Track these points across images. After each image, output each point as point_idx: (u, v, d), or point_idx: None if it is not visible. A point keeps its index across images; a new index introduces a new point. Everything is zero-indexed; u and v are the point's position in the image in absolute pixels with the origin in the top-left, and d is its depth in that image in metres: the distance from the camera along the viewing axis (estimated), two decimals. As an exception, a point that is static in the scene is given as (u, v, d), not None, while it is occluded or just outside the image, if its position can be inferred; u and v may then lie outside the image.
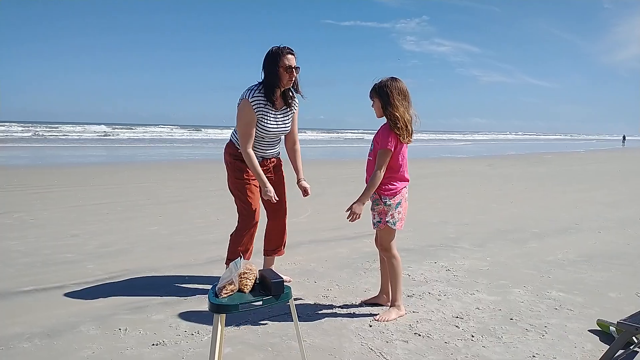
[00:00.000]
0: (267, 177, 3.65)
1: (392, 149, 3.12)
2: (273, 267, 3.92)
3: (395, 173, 3.19)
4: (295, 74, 3.46)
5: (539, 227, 6.34)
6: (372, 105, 3.23)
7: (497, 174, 14.78)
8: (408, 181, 3.29)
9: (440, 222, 6.64)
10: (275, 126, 3.59)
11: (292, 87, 3.58)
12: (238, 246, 3.60)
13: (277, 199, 3.57)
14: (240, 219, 3.63)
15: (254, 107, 3.44)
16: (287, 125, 3.69)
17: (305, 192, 3.85)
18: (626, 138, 60.80)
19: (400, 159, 3.20)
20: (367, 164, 3.31)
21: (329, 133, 69.84)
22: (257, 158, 3.58)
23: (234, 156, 3.63)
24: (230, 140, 3.71)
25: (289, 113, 3.68)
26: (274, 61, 3.40)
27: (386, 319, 3.18)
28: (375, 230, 3.33)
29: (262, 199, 3.70)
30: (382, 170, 3.11)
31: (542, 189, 10.64)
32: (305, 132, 58.79)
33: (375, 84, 3.17)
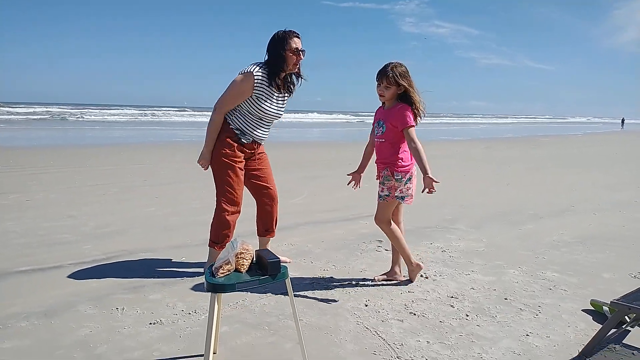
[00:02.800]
0: (254, 162, 3.65)
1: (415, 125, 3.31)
2: (269, 248, 3.92)
3: (407, 150, 3.35)
4: (301, 57, 3.44)
5: (535, 209, 6.36)
6: (381, 88, 3.30)
7: (494, 156, 14.78)
8: None
9: (437, 204, 6.65)
10: (274, 110, 3.54)
11: (294, 73, 3.55)
12: (221, 227, 3.53)
13: (206, 169, 3.53)
14: (219, 200, 3.53)
15: (256, 83, 3.36)
16: (282, 110, 3.66)
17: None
18: (625, 121, 60.75)
19: None
20: (378, 147, 3.43)
21: (327, 114, 69.61)
22: (248, 137, 3.51)
23: (225, 133, 3.48)
24: (224, 118, 3.53)
25: (286, 98, 3.66)
26: (281, 44, 3.35)
27: (412, 279, 3.56)
28: (378, 202, 3.43)
29: (251, 182, 3.68)
30: (418, 142, 3.25)
31: (539, 172, 10.66)
32: (301, 114, 58.55)
33: (394, 70, 3.24)
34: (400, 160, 3.34)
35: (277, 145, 14.79)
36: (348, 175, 3.67)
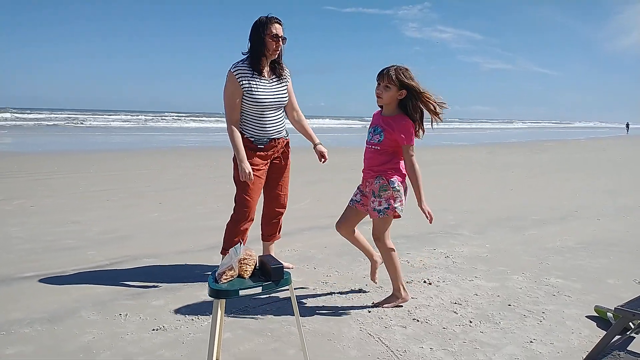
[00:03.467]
0: (273, 160, 3.63)
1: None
2: (273, 254, 3.93)
3: (401, 159, 3.15)
4: (281, 43, 3.40)
5: (539, 214, 6.34)
6: (380, 88, 3.04)
7: (497, 161, 14.76)
8: None
9: (440, 209, 6.65)
10: (269, 95, 3.47)
11: (279, 58, 3.51)
12: (234, 237, 3.54)
13: (252, 179, 3.40)
14: (236, 210, 3.55)
15: (237, 78, 3.37)
16: (283, 95, 3.58)
17: (321, 156, 3.75)
18: (630, 126, 60.41)
19: None
20: (369, 153, 3.18)
21: (330, 120, 69.67)
22: (264, 140, 3.51)
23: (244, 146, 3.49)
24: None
25: (282, 82, 3.58)
26: (261, 30, 3.34)
27: (386, 304, 3.21)
28: (378, 218, 3.14)
29: (265, 185, 3.68)
30: (415, 161, 3.08)
31: (542, 177, 10.63)
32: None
33: (398, 71, 3.00)
34: (396, 168, 3.13)
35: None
36: None
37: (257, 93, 3.42)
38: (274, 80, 3.54)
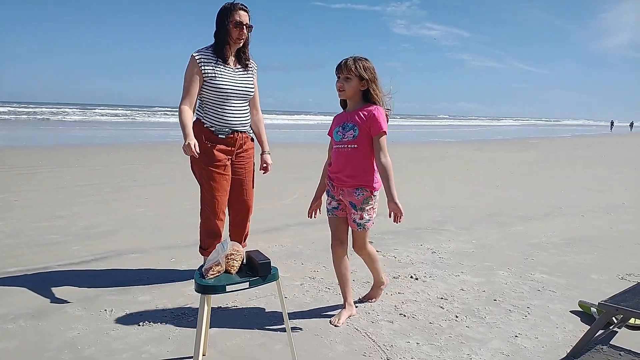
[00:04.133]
0: (238, 157, 3.41)
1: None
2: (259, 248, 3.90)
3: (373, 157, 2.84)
4: (245, 31, 3.25)
5: (525, 210, 6.40)
6: (340, 80, 2.78)
7: (484, 158, 14.86)
8: None
9: (427, 205, 6.68)
10: (233, 83, 3.30)
11: (245, 47, 3.36)
12: (209, 236, 3.43)
13: (197, 153, 3.06)
14: (204, 212, 3.41)
15: (198, 62, 3.21)
16: (249, 85, 3.40)
17: (265, 168, 3.57)
18: (614, 124, 61.02)
19: None
20: (343, 156, 2.82)
21: (317, 116, 69.62)
22: (225, 130, 3.31)
23: (202, 134, 3.28)
24: (197, 117, 3.37)
25: (248, 73, 3.42)
26: (224, 16, 3.22)
27: (376, 296, 3.27)
28: (358, 230, 2.90)
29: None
30: (388, 156, 2.77)
31: (528, 174, 10.73)
32: (292, 116, 58.49)
33: (357, 62, 2.74)
34: (374, 174, 2.83)
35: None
36: (309, 212, 3.15)
37: (220, 81, 3.26)
38: (239, 69, 3.38)
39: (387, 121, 2.82)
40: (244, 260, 2.32)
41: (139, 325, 2.83)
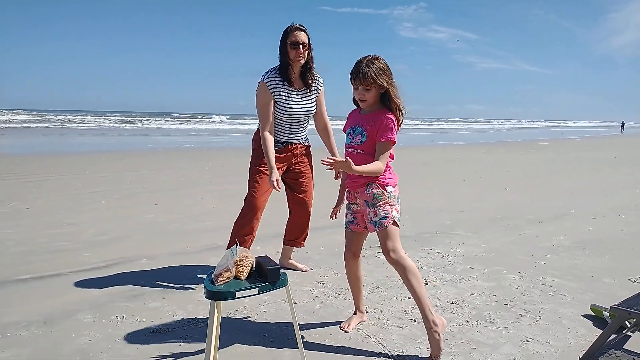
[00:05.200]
0: (291, 164, 3.71)
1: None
2: (292, 258, 4.02)
3: (391, 164, 2.71)
4: (302, 50, 3.41)
5: (534, 213, 6.36)
6: (360, 92, 2.62)
7: (493, 160, 14.80)
8: None
9: (436, 209, 6.66)
10: (297, 107, 3.55)
11: (307, 67, 3.54)
12: (239, 231, 3.58)
13: (280, 189, 3.39)
14: (244, 205, 3.62)
15: (269, 87, 3.45)
16: (311, 106, 3.64)
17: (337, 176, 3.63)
18: (625, 125, 60.24)
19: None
20: (352, 159, 2.50)
21: (332, 121, 69.59)
22: (281, 143, 3.60)
23: (258, 143, 3.58)
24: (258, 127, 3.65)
25: (311, 94, 3.63)
26: (283, 39, 3.43)
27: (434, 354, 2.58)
28: (377, 231, 2.63)
29: (288, 191, 3.80)
30: (384, 164, 2.60)
31: (537, 176, 10.66)
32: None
33: (370, 67, 2.54)
34: (388, 172, 2.67)
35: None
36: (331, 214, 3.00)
37: (287, 104, 3.50)
38: (303, 90, 3.59)
39: (398, 129, 2.62)
40: (254, 266, 2.32)
41: (150, 331, 2.84)
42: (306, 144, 3.82)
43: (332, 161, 2.42)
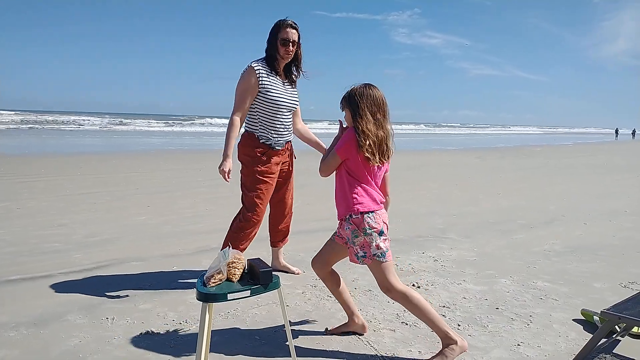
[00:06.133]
0: (283, 163, 3.62)
1: (343, 158, 2.58)
2: (282, 259, 3.99)
3: (366, 190, 2.56)
4: (291, 47, 3.39)
5: (527, 218, 6.39)
6: (344, 117, 2.66)
7: (485, 165, 14.86)
8: (384, 202, 2.67)
9: (429, 213, 6.68)
10: (284, 96, 3.47)
11: (294, 62, 3.52)
12: (239, 243, 3.44)
13: (229, 180, 3.30)
14: (245, 215, 3.46)
15: (257, 74, 3.36)
16: (295, 97, 3.59)
17: None
18: (619, 131, 59.98)
19: (372, 178, 2.60)
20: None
21: (321, 123, 69.67)
22: (280, 142, 3.50)
23: (256, 149, 3.44)
24: (247, 131, 3.51)
25: (293, 88, 3.61)
26: (273, 33, 3.39)
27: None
28: (362, 264, 2.58)
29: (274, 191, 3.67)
30: (322, 170, 2.65)
31: (530, 181, 10.72)
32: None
33: (351, 92, 2.61)
34: (357, 196, 2.54)
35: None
36: None
37: (274, 94, 3.41)
38: (287, 83, 3.55)
39: (368, 154, 2.50)
40: (246, 269, 2.32)
41: (141, 333, 2.83)
42: (291, 145, 3.75)
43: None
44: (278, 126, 3.49)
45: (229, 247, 2.36)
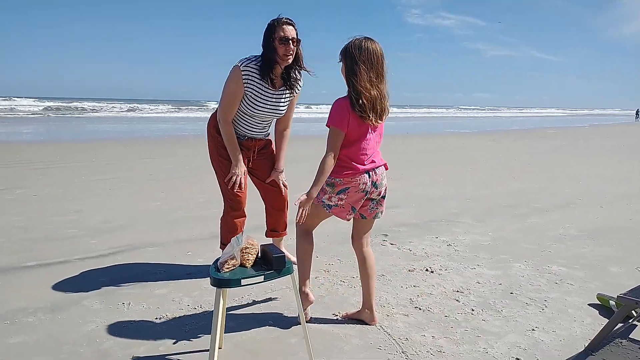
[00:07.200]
0: (259, 155, 3.46)
1: (346, 130, 2.54)
2: (282, 246, 3.85)
3: (353, 156, 2.61)
4: (292, 46, 3.07)
5: (541, 202, 6.33)
6: (340, 69, 2.60)
7: (500, 149, 14.71)
8: (373, 168, 2.66)
9: (443, 197, 6.64)
10: (267, 106, 3.23)
11: (296, 64, 3.20)
12: (228, 231, 3.39)
13: (241, 186, 3.28)
14: (225, 203, 3.39)
15: (243, 77, 3.10)
16: (282, 108, 3.34)
17: (276, 183, 3.55)
18: None
19: (362, 142, 2.59)
20: None
21: (330, 107, 69.39)
22: (242, 136, 3.34)
23: (218, 130, 3.31)
24: (216, 111, 3.34)
25: (286, 95, 3.32)
26: (270, 33, 3.07)
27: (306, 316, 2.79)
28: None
29: (257, 182, 3.55)
30: (331, 155, 2.55)
31: (545, 164, 10.60)
32: (310, 108, 58.44)
33: (348, 43, 2.53)
34: (342, 166, 2.64)
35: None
36: None
37: (257, 101, 3.19)
38: (281, 90, 3.28)
39: (363, 114, 2.50)
40: (259, 254, 2.32)
41: (156, 318, 2.86)
42: (267, 138, 3.55)
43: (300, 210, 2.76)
44: (247, 126, 3.34)
45: (242, 232, 2.36)
